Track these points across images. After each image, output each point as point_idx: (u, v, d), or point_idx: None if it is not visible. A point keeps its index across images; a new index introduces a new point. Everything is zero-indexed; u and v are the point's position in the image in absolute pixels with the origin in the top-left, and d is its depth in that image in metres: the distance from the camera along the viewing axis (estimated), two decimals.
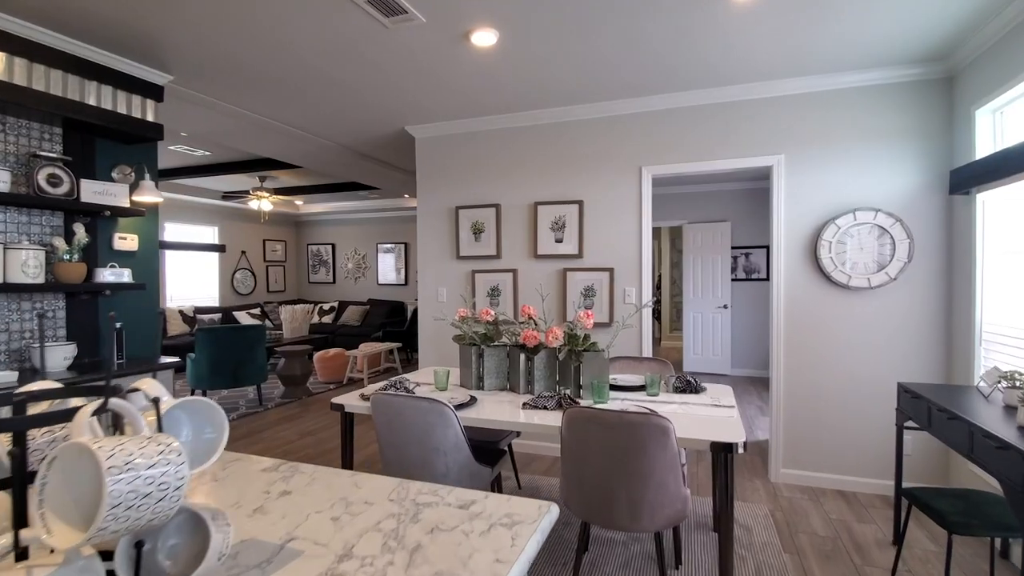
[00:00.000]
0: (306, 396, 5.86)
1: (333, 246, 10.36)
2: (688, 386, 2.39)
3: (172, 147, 5.59)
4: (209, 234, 9.01)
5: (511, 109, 3.68)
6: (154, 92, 2.88)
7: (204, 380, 5.15)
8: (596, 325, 3.58)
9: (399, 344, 7.19)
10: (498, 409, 2.15)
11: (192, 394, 5.75)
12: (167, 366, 2.71)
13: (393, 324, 8.59)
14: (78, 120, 2.56)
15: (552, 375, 2.40)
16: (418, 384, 2.54)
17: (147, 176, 2.92)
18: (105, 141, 2.85)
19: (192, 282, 8.77)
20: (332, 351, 6.60)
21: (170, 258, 8.38)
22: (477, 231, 3.92)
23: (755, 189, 6.71)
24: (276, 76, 3.11)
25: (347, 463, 2.34)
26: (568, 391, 2.22)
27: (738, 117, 3.31)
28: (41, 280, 2.44)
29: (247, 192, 7.75)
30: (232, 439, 4.37)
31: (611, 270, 3.57)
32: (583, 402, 2.24)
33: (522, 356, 2.38)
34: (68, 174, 2.56)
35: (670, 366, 2.75)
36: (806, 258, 3.19)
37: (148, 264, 3.07)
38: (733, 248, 6.82)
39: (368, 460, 3.78)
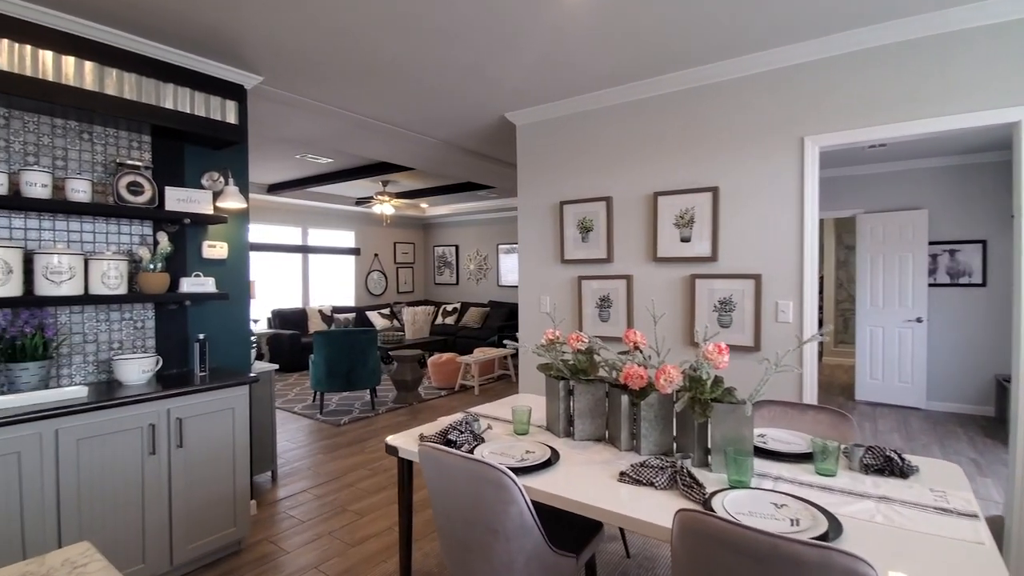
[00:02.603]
0: (417, 402, 5.74)
1: (456, 247, 10.42)
2: (888, 465, 1.54)
3: (297, 156, 5.82)
4: (347, 238, 9.56)
5: (622, 79, 2.99)
6: (236, 93, 2.75)
7: (322, 383, 5.24)
8: (736, 350, 2.75)
9: (514, 350, 6.81)
10: (585, 478, 1.54)
11: (313, 397, 5.97)
12: (249, 380, 2.55)
13: (512, 328, 8.27)
14: (165, 127, 2.49)
15: (667, 427, 1.72)
16: (489, 426, 2.02)
17: (231, 182, 2.82)
18: (194, 147, 2.80)
19: (331, 284, 9.36)
20: (444, 356, 6.43)
21: (312, 262, 9.02)
22: (584, 229, 3.30)
23: (965, 166, 5.09)
24: (365, 66, 2.83)
25: (405, 516, 1.91)
26: (689, 461, 1.53)
27: (959, 53, 2.26)
28: (122, 291, 2.40)
29: (371, 197, 7.99)
30: (340, 445, 4.31)
31: (756, 277, 2.71)
32: (711, 474, 1.53)
33: (624, 399, 1.74)
34: (150, 182, 2.51)
35: (851, 423, 1.87)
36: None
37: (237, 272, 2.99)
38: (931, 244, 5.26)
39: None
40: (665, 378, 1.55)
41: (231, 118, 2.73)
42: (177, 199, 2.60)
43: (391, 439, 1.88)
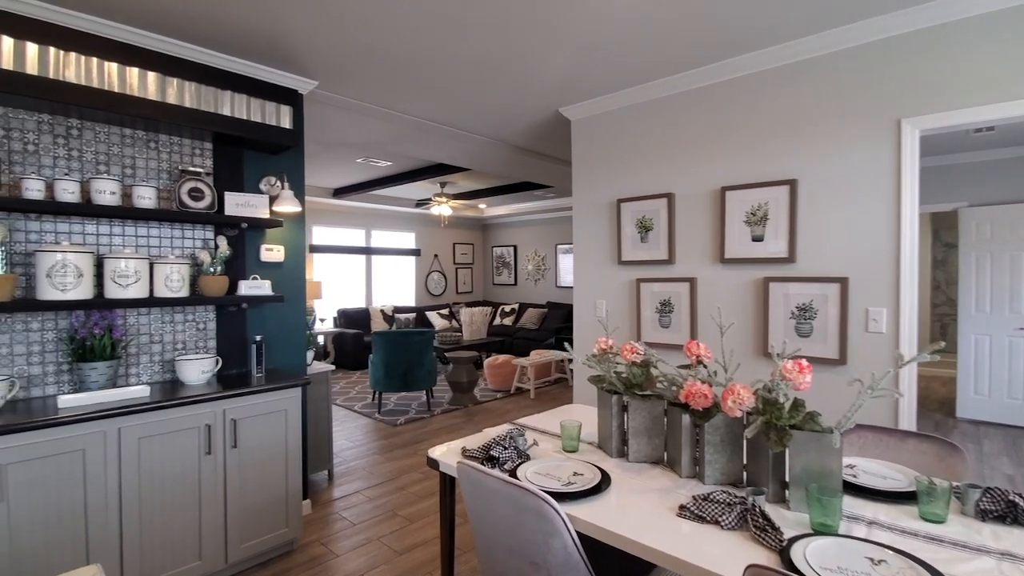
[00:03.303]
0: (472, 404, 5.69)
1: (515, 248, 10.36)
2: (1011, 511, 1.26)
3: (358, 160, 5.95)
4: (407, 240, 9.74)
5: (685, 65, 2.76)
6: (290, 98, 2.78)
7: (380, 382, 5.31)
8: (816, 363, 2.46)
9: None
10: (639, 509, 1.37)
11: (373, 396, 6.08)
12: (301, 382, 2.57)
13: (570, 330, 8.08)
14: (225, 134, 2.55)
15: (735, 453, 1.51)
16: (535, 442, 1.88)
17: (286, 185, 2.86)
18: (252, 153, 2.86)
19: (393, 284, 9.58)
20: (500, 358, 6.36)
21: (375, 263, 9.26)
22: (644, 229, 3.09)
23: None
24: (415, 66, 2.78)
25: (447, 533, 1.82)
26: (762, 498, 1.32)
27: None
28: (184, 294, 2.47)
29: (430, 199, 8.07)
30: (395, 446, 4.33)
31: (842, 281, 2.40)
32: (789, 513, 1.32)
33: (685, 419, 1.55)
34: (210, 187, 2.57)
35: (963, 456, 1.57)
36: None
37: (294, 275, 3.03)
38: None
39: None
40: (734, 399, 1.35)
41: (286, 123, 2.76)
42: (236, 204, 2.65)
43: (433, 452, 1.79)
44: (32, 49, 2.00)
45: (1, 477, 1.80)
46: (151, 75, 2.30)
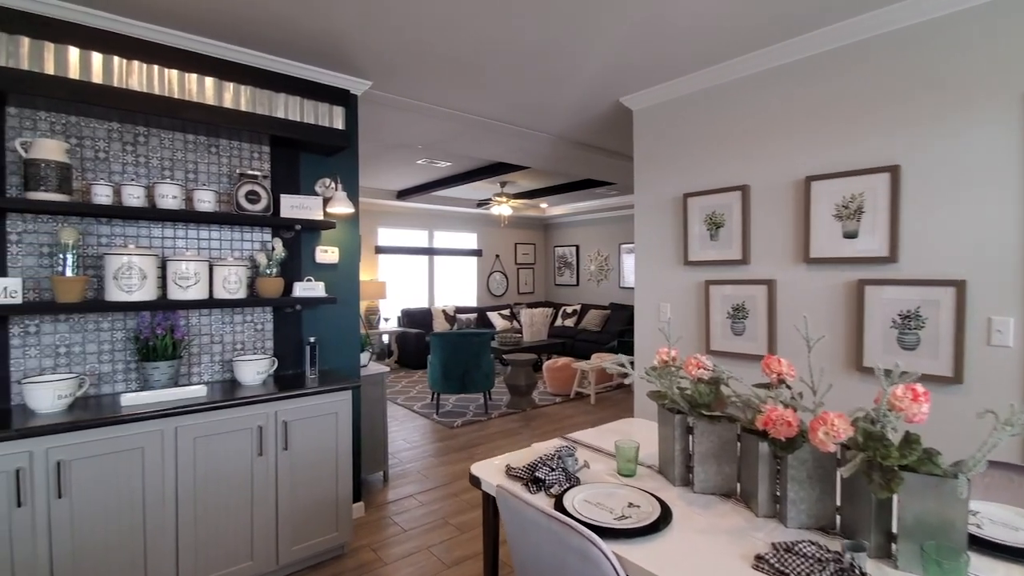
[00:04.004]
0: (530, 408, 5.56)
1: (577, 248, 10.12)
2: None
3: (419, 161, 5.98)
4: (469, 240, 9.78)
5: (762, 41, 2.46)
6: (342, 99, 2.76)
7: (438, 383, 5.29)
8: (927, 381, 2.09)
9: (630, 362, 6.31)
10: (705, 556, 1.17)
11: (431, 397, 6.07)
12: (351, 385, 2.54)
13: (633, 333, 7.75)
14: (281, 136, 2.57)
15: (826, 492, 1.26)
16: (586, 464, 1.70)
17: (339, 187, 2.84)
18: (308, 155, 2.87)
19: (455, 284, 9.64)
20: (560, 361, 6.18)
21: (437, 263, 9.36)
22: (714, 225, 2.81)
23: None
24: (468, 61, 2.68)
25: (490, 557, 1.68)
26: (863, 554, 1.07)
27: None
28: (241, 295, 2.50)
29: (490, 199, 8.02)
30: (451, 449, 4.28)
31: (958, 284, 2.03)
32: (896, 573, 1.07)
33: (763, 447, 1.32)
34: (266, 190, 2.60)
35: None
36: None
37: (348, 276, 3.02)
38: None
39: None
40: (826, 431, 1.11)
41: (339, 124, 2.74)
42: (291, 206, 2.67)
43: (476, 468, 1.66)
44: (97, 59, 2.07)
45: (65, 474, 1.87)
46: (208, 80, 2.34)
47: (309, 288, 2.71)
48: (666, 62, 2.70)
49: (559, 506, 1.32)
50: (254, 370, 2.50)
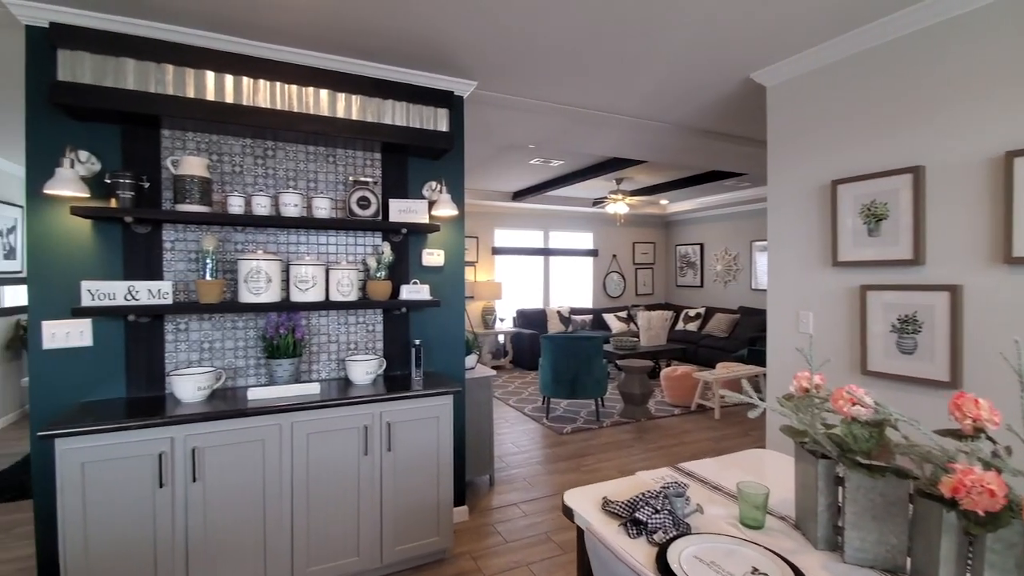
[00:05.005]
0: (645, 419, 5.20)
1: (701, 246, 9.38)
2: None
3: (532, 161, 5.92)
4: (585, 240, 9.56)
5: None
6: (445, 101, 2.74)
7: (548, 387, 5.18)
8: None
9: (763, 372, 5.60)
10: None
11: (542, 400, 5.94)
12: (453, 391, 2.52)
13: (765, 340, 6.94)
14: (390, 142, 2.63)
15: None
16: (699, 508, 1.43)
17: (444, 190, 2.84)
18: (416, 160, 2.91)
19: (570, 285, 9.49)
20: (680, 369, 5.71)
21: (553, 263, 9.28)
22: (873, 218, 2.31)
23: None
24: (578, 48, 2.52)
25: None
26: None
27: None
28: (352, 298, 2.60)
29: (605, 197, 7.72)
30: (559, 457, 4.14)
31: None
32: None
33: (950, 519, 0.97)
34: (376, 196, 2.67)
35: None
36: None
37: (453, 279, 3.01)
38: None
39: None
40: None
41: (443, 126, 2.74)
42: (398, 210, 2.72)
43: (569, 497, 1.48)
44: (229, 80, 2.26)
45: (199, 460, 2.05)
46: (323, 92, 2.45)
47: (414, 291, 2.73)
48: (805, 26, 2.28)
49: (662, 561, 1.11)
50: (363, 370, 2.57)
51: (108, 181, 2.19)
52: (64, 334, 2.22)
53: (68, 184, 2.06)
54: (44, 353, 2.19)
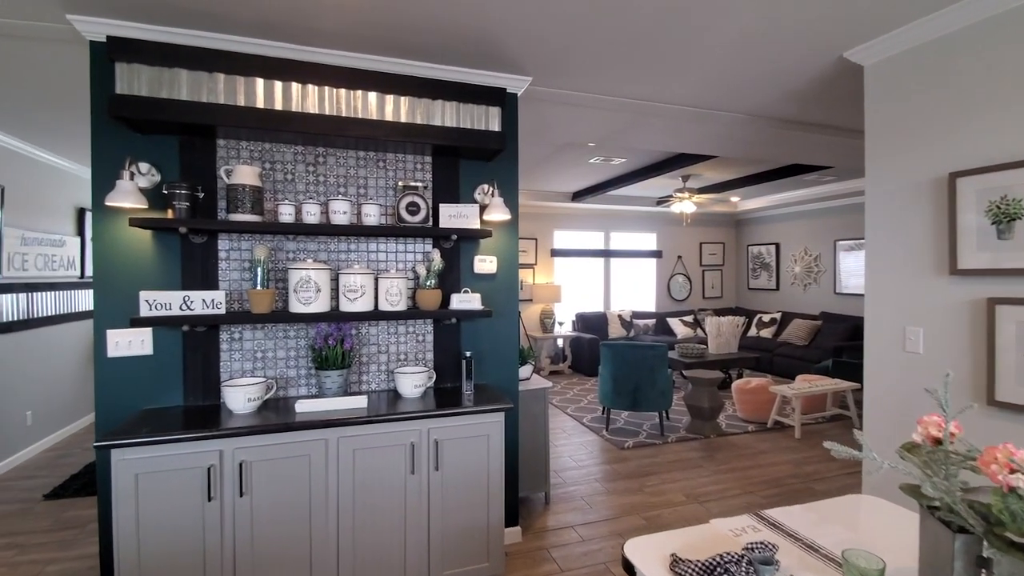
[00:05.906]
0: (715, 435, 4.82)
1: (777, 246, 8.71)
2: None
3: (591, 160, 5.67)
4: (648, 240, 9.17)
5: None
6: (497, 98, 2.59)
7: (608, 398, 4.92)
8: None
9: (857, 386, 5.05)
10: None
11: (602, 410, 5.63)
12: (503, 408, 2.36)
13: (854, 350, 6.29)
14: (441, 145, 2.52)
15: None
16: (795, 571, 1.18)
17: (496, 193, 2.69)
18: (467, 162, 2.78)
19: (632, 287, 9.12)
20: (754, 382, 5.26)
21: (614, 265, 8.95)
22: (1003, 217, 1.92)
23: None
24: (640, 34, 2.30)
25: None
26: None
27: None
28: (401, 307, 2.51)
29: (670, 196, 7.31)
30: (619, 475, 3.88)
31: None
32: None
33: None
34: (425, 201, 2.56)
35: None
36: None
37: (506, 287, 2.86)
38: None
39: None
40: None
41: (495, 126, 2.59)
42: (449, 215, 2.60)
43: (630, 548, 1.28)
44: (278, 86, 2.23)
45: (246, 474, 2.02)
46: (371, 95, 2.37)
47: (464, 301, 2.60)
48: None
49: None
50: (412, 383, 2.47)
51: (165, 192, 2.21)
52: (127, 343, 2.27)
53: (127, 196, 2.09)
54: (108, 361, 2.25)
